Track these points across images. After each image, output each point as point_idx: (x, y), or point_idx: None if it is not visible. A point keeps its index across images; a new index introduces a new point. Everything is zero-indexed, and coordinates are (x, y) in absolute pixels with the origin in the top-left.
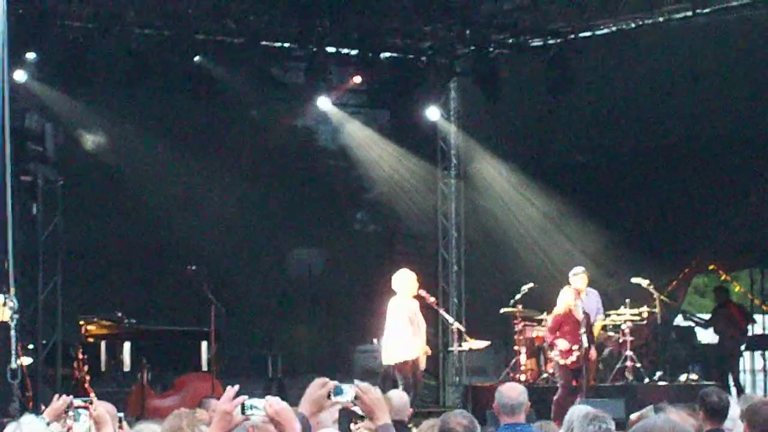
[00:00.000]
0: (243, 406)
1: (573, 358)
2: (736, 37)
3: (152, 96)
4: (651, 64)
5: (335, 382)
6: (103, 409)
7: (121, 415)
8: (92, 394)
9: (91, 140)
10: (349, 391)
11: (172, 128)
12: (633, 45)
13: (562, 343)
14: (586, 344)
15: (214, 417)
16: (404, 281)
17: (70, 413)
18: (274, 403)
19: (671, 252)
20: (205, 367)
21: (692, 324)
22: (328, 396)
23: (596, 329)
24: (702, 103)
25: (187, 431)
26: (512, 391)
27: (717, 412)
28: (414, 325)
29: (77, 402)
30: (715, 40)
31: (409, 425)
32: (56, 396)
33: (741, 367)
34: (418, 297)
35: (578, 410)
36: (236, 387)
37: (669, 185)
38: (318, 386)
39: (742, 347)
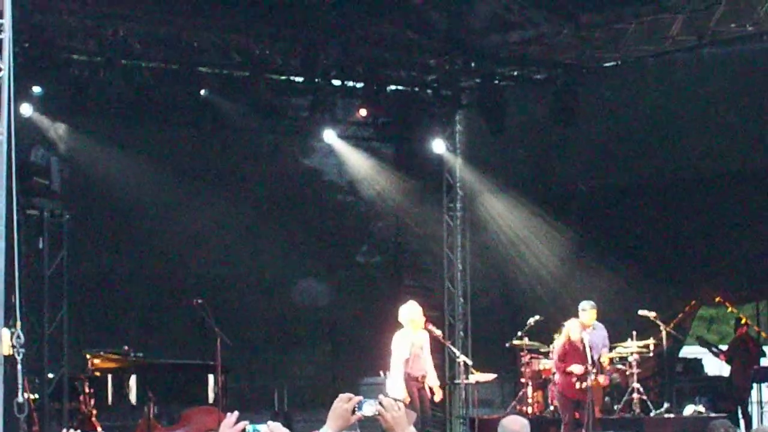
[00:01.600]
0: (244, 430)
1: (578, 386)
2: (741, 69)
3: (158, 129)
4: (657, 96)
5: (360, 398)
6: None
7: None
8: (99, 428)
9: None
10: (373, 406)
11: (178, 161)
12: (639, 77)
13: (576, 368)
14: (590, 377)
15: None
16: (409, 314)
17: None
18: (276, 429)
19: (677, 284)
20: (211, 400)
21: (700, 355)
22: (353, 411)
23: (604, 362)
24: (708, 135)
25: None
26: (514, 424)
27: None
28: (419, 360)
29: None
30: (720, 72)
31: None
32: (64, 430)
33: (749, 399)
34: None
35: None
36: (236, 413)
37: (675, 217)
38: (343, 401)
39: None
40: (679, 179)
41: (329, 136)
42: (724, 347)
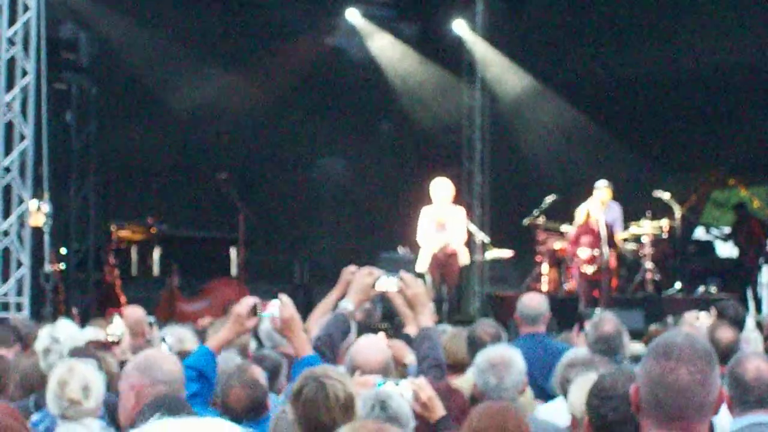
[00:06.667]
0: (255, 307)
1: (593, 268)
2: None
3: (185, 6)
4: None
5: (381, 272)
6: (136, 314)
7: (153, 320)
8: (123, 299)
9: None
10: (394, 282)
11: (204, 38)
12: None
13: (584, 252)
14: (606, 256)
15: (229, 320)
16: (435, 189)
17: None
18: (288, 306)
19: (692, 166)
20: (233, 274)
21: (712, 238)
22: (373, 285)
23: (617, 241)
24: (725, 25)
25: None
26: (533, 301)
27: (734, 325)
28: (444, 230)
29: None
30: None
31: None
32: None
33: (759, 281)
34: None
35: (597, 321)
36: (253, 298)
37: (690, 100)
38: (365, 275)
39: (761, 261)
40: (696, 62)
41: (352, 14)
42: (727, 230)
